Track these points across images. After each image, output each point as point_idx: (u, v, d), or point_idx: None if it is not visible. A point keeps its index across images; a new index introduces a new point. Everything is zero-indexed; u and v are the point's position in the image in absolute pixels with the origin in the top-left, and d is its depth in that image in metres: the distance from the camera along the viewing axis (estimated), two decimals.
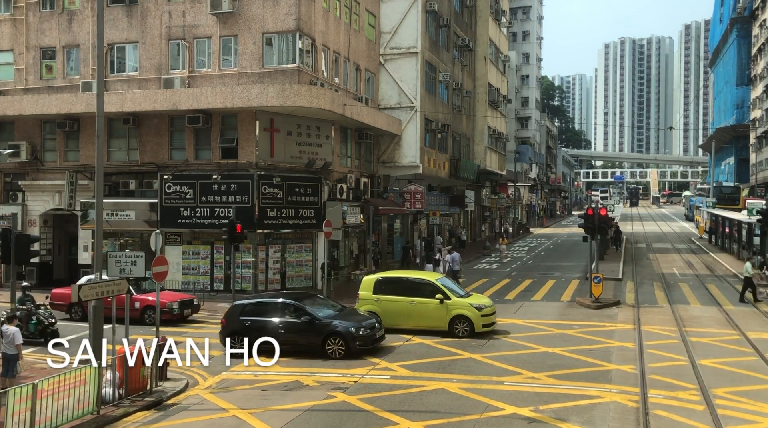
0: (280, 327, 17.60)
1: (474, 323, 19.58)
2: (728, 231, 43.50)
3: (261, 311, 18.29)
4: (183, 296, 23.15)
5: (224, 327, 18.19)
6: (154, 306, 20.29)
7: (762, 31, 65.70)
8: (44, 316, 18.99)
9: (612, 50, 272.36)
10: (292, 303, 18.40)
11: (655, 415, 12.59)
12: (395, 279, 21.69)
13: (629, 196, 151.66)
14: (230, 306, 19.21)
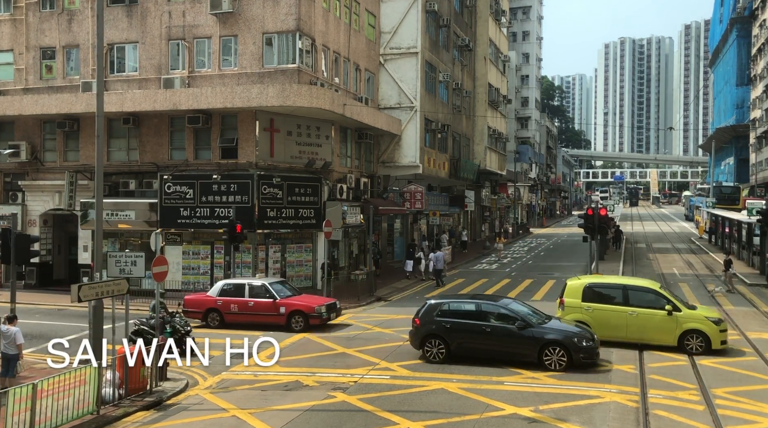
0: (488, 332, 16.22)
1: (711, 339, 17.19)
2: (728, 231, 43.50)
3: (462, 313, 16.89)
4: (327, 299, 21.99)
5: (418, 329, 16.82)
6: (302, 311, 20.70)
7: (762, 31, 65.69)
8: (180, 324, 17.69)
9: (612, 50, 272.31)
10: (504, 307, 16.72)
11: (655, 415, 12.59)
12: (608, 285, 19.32)
13: (629, 196, 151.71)
14: (424, 303, 17.66)
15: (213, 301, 21.56)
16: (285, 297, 21.17)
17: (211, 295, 21.78)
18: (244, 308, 21.19)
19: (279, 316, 20.79)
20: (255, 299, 21.11)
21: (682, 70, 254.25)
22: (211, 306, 21.53)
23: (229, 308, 21.35)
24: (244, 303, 21.20)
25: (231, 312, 21.30)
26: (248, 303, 21.14)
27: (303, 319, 20.61)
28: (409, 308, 24.46)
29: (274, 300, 20.93)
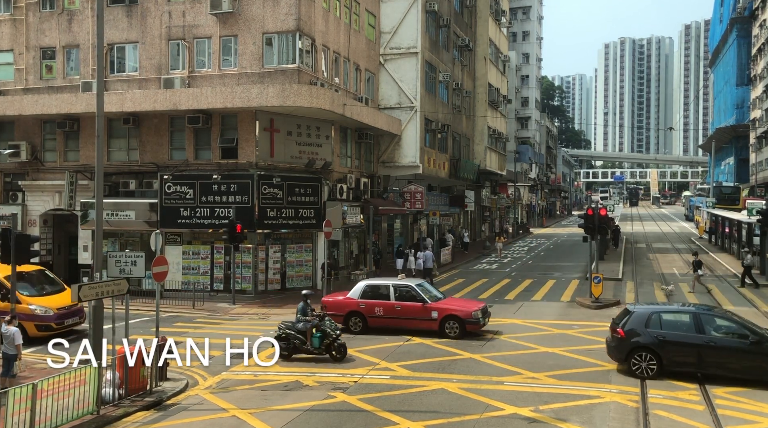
0: (715, 347, 14.68)
1: None
2: (728, 232, 43.49)
3: (679, 325, 15.33)
4: (478, 303, 20.63)
5: (622, 341, 15.37)
6: (456, 316, 19.25)
7: (762, 31, 65.69)
8: (331, 329, 16.83)
9: (612, 50, 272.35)
10: (729, 319, 15.43)
11: (655, 415, 12.59)
12: None
13: (629, 196, 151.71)
14: (627, 312, 16.21)
15: (355, 304, 20.24)
16: (434, 300, 19.93)
17: (353, 297, 20.45)
18: (390, 312, 19.90)
19: (430, 321, 19.42)
20: (402, 302, 19.83)
21: (682, 70, 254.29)
22: (353, 309, 20.19)
23: (372, 311, 20.05)
24: (389, 306, 19.91)
25: (375, 315, 20.02)
26: (395, 307, 19.87)
27: (459, 325, 19.20)
28: None
29: (424, 304, 19.59)
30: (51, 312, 19.56)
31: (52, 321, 19.50)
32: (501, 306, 24.79)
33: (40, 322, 19.29)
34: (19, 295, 18.43)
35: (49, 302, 19.92)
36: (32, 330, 19.08)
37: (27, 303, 19.40)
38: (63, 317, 19.84)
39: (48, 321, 19.44)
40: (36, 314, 19.32)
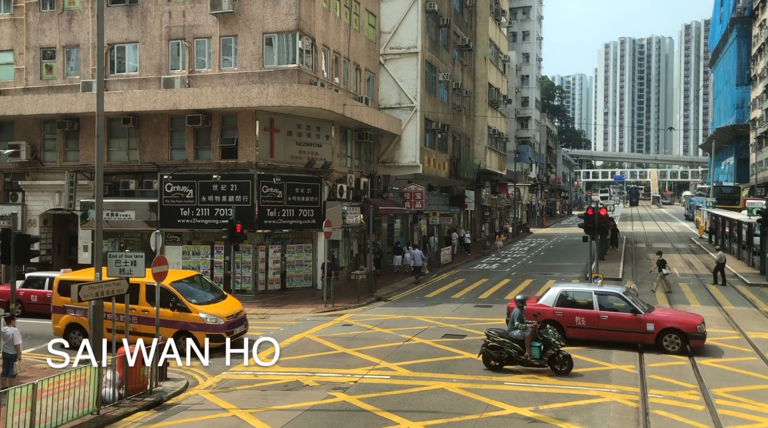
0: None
1: None
2: (728, 231, 43.49)
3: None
4: (699, 316, 18.73)
5: None
6: (678, 329, 17.54)
7: (762, 31, 65.69)
8: (555, 338, 15.43)
9: (612, 50, 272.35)
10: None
11: (655, 415, 12.59)
12: None
13: (629, 196, 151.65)
14: None
15: (550, 312, 18.61)
16: (647, 311, 18.16)
17: (546, 304, 18.80)
18: (594, 322, 18.16)
19: (644, 334, 17.73)
20: (608, 312, 18.12)
21: (682, 70, 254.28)
22: (548, 317, 18.46)
23: (572, 321, 18.38)
24: (593, 316, 18.20)
25: (575, 326, 18.34)
26: (599, 317, 18.14)
27: (680, 339, 17.47)
28: (408, 308, 24.50)
29: (636, 315, 17.81)
30: (221, 321, 17.96)
31: (222, 330, 17.78)
32: (501, 306, 24.74)
33: (212, 332, 17.57)
34: (188, 303, 17.90)
35: (217, 310, 18.31)
36: (203, 341, 16.91)
37: (197, 312, 17.94)
38: (232, 326, 18.23)
39: (219, 330, 17.73)
40: (207, 323, 17.78)
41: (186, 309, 17.91)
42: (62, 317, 18.83)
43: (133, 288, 17.26)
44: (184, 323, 17.81)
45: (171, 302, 17.89)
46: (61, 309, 18.88)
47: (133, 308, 17.46)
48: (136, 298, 17.82)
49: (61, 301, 18.75)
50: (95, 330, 14.43)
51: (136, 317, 17.71)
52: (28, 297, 23.29)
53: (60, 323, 18.80)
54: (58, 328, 18.82)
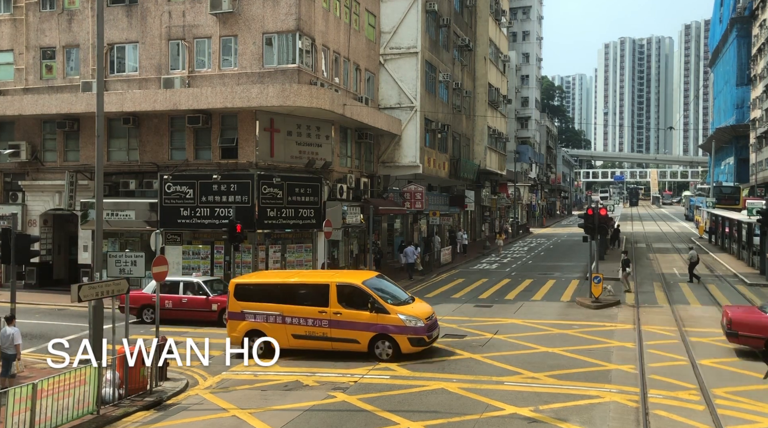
0: None
1: None
2: (728, 231, 43.50)
3: None
4: None
5: None
6: None
7: (762, 31, 65.69)
8: None
9: (612, 50, 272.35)
10: None
11: (655, 415, 12.58)
12: None
13: (629, 196, 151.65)
14: None
15: None
16: None
17: None
18: None
19: None
20: None
21: (682, 70, 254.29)
22: None
23: None
24: None
25: None
26: None
27: None
28: None
29: None
30: (421, 324, 16.90)
31: (423, 333, 16.86)
32: (501, 306, 24.79)
33: (412, 335, 16.68)
34: (386, 304, 16.91)
35: (414, 311, 17.26)
36: (406, 345, 16.66)
37: (396, 313, 16.83)
38: (431, 328, 17.29)
39: (420, 333, 16.80)
40: (407, 326, 16.69)
41: (384, 311, 16.75)
42: (240, 324, 17.52)
43: (322, 289, 17.34)
44: (383, 326, 16.67)
45: (369, 303, 16.85)
46: (238, 315, 17.62)
47: (324, 311, 16.90)
48: (326, 300, 17.03)
49: (238, 307, 17.63)
50: (95, 330, 14.42)
51: (327, 320, 16.87)
52: (162, 302, 21.49)
53: (238, 330, 17.47)
54: (235, 336, 17.40)
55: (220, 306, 21.29)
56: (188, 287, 22.26)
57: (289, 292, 17.73)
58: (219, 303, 21.50)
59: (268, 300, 17.57)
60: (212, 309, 21.63)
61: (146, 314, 22.15)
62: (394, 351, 16.69)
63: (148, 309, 21.93)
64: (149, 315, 21.95)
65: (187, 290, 22.20)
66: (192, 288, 22.24)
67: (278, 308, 17.37)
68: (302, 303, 17.31)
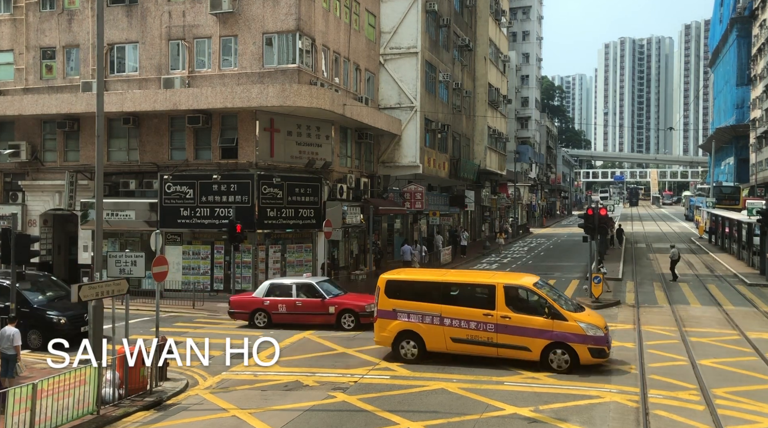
0: None
1: None
2: (728, 231, 43.50)
3: None
4: None
5: None
6: None
7: (762, 31, 65.68)
8: None
9: (612, 50, 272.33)
10: None
11: (655, 415, 12.58)
12: None
13: (629, 196, 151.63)
14: None
15: None
16: None
17: None
18: None
19: None
20: None
21: (682, 70, 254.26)
22: None
23: None
24: None
25: None
26: None
27: None
28: None
29: None
30: (601, 333, 15.60)
31: (604, 344, 15.59)
32: None
33: (594, 345, 15.40)
34: (563, 310, 15.68)
35: (592, 319, 16.01)
36: (585, 356, 15.37)
37: (575, 321, 15.51)
38: (609, 339, 16.07)
39: (600, 344, 15.50)
40: (589, 335, 15.38)
41: (560, 317, 15.49)
42: (392, 323, 16.53)
43: (487, 290, 16.12)
44: (560, 333, 15.37)
45: (546, 308, 15.64)
46: (389, 313, 16.60)
47: (489, 314, 15.78)
48: (491, 302, 15.86)
49: (390, 304, 16.56)
50: (95, 330, 14.42)
51: (493, 324, 15.72)
52: (275, 306, 21.23)
53: (388, 330, 16.55)
54: (385, 336, 16.65)
55: (338, 308, 20.70)
56: (301, 289, 21.26)
57: (448, 292, 16.54)
58: (336, 305, 20.76)
59: (423, 299, 16.48)
60: (329, 312, 20.76)
61: (258, 318, 21.23)
62: (571, 361, 15.34)
63: (261, 314, 21.21)
64: (261, 320, 21.18)
65: (301, 292, 21.21)
66: (306, 290, 21.23)
67: (437, 308, 16.22)
68: (463, 305, 16.13)
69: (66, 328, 18.19)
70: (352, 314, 20.63)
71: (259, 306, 21.28)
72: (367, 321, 20.09)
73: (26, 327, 17.77)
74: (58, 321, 18.53)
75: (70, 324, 18.55)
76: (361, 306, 20.67)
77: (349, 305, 20.80)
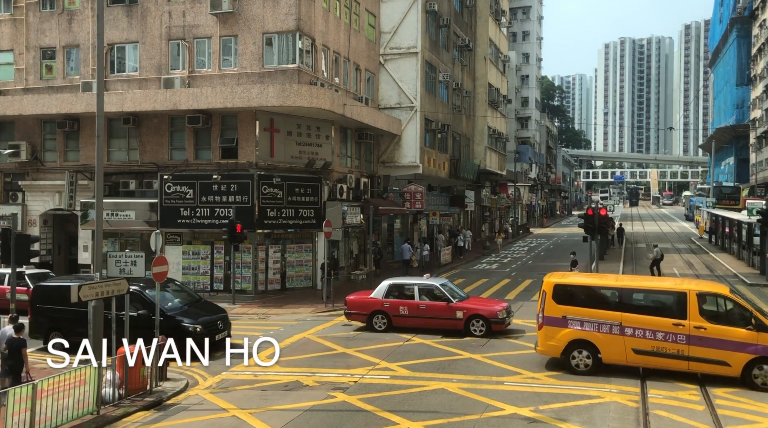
0: None
1: None
2: (728, 231, 43.50)
3: None
4: None
5: None
6: None
7: (762, 31, 65.68)
8: None
9: (612, 50, 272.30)
10: None
11: (655, 415, 12.58)
12: None
13: (629, 196, 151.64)
14: None
15: None
16: None
17: None
18: None
19: None
20: None
21: (682, 70, 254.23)
22: None
23: None
24: None
25: None
26: None
27: None
28: None
29: None
30: None
31: None
32: None
33: None
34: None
35: None
36: None
37: None
38: None
39: None
40: None
41: (766, 329, 14.26)
42: (561, 331, 15.36)
43: (676, 298, 14.93)
44: (765, 347, 14.16)
45: (753, 319, 14.47)
46: (558, 321, 15.41)
47: (680, 323, 14.52)
48: (682, 311, 14.63)
49: (559, 311, 15.38)
50: (95, 330, 14.42)
51: (684, 335, 14.46)
52: (396, 308, 20.14)
53: (557, 339, 15.38)
54: (553, 345, 15.50)
55: (467, 313, 19.46)
56: (424, 291, 20.10)
57: (628, 298, 15.26)
58: (464, 310, 19.53)
59: (599, 306, 15.32)
60: (456, 317, 19.56)
61: (377, 321, 20.20)
62: None
63: (380, 316, 20.17)
64: (381, 323, 20.16)
65: (424, 295, 20.03)
66: (430, 293, 20.08)
67: (616, 316, 14.98)
68: (647, 313, 14.90)
69: (201, 336, 16.33)
70: (482, 320, 19.32)
71: (378, 308, 20.20)
72: (499, 328, 19.38)
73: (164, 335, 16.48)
74: (194, 329, 17.02)
75: (205, 331, 17.06)
76: (493, 312, 19.47)
77: (480, 310, 19.54)
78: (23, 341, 13.44)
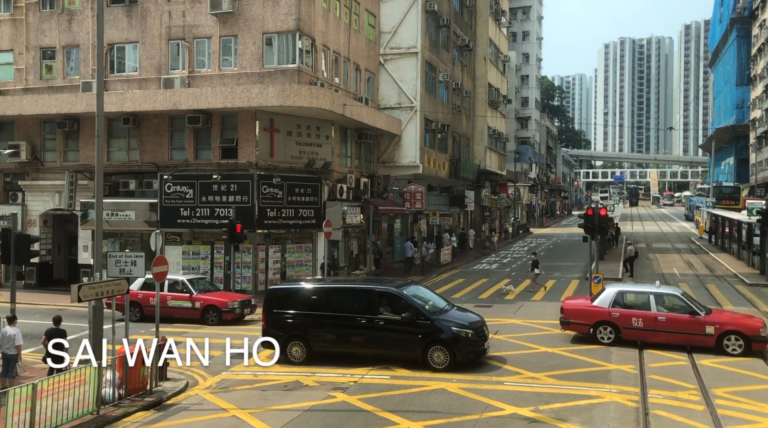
0: None
1: None
2: (728, 231, 43.50)
3: None
4: None
5: None
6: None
7: (762, 31, 65.69)
8: None
9: (612, 50, 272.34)
10: None
11: (655, 415, 12.58)
12: None
13: (629, 196, 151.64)
14: None
15: None
16: None
17: None
18: None
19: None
20: None
21: (682, 70, 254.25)
22: None
23: None
24: None
25: None
26: None
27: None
28: None
29: None
30: None
31: None
32: (501, 306, 24.78)
33: None
34: None
35: None
36: None
37: None
38: None
39: None
40: None
41: None
42: None
43: None
44: None
45: None
46: None
47: None
48: None
49: None
50: (95, 330, 14.42)
51: None
52: (627, 319, 17.76)
53: None
54: None
55: (719, 329, 16.88)
56: (660, 300, 17.84)
57: None
58: (717, 325, 16.97)
59: None
60: (706, 333, 16.99)
61: (602, 333, 17.92)
62: None
63: (606, 327, 17.88)
64: (607, 335, 17.84)
65: (660, 305, 17.72)
66: (666, 303, 17.81)
67: None
68: None
69: (472, 343, 15.80)
70: (740, 336, 16.73)
71: (604, 318, 17.92)
72: (761, 347, 16.79)
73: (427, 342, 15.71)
74: (466, 335, 15.82)
75: (476, 337, 16.00)
76: (754, 329, 16.80)
77: (738, 326, 16.98)
78: None
